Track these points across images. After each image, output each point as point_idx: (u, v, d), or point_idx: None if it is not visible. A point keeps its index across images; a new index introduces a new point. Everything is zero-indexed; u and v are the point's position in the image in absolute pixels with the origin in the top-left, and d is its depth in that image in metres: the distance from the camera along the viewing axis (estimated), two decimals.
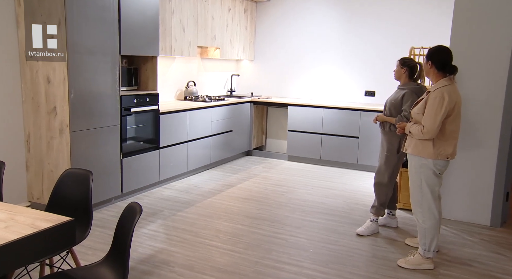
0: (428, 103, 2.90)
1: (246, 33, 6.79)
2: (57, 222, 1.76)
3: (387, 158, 3.70)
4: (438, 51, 2.95)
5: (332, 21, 6.49)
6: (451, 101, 2.86)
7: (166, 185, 4.96)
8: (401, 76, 3.64)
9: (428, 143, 2.94)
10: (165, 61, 5.48)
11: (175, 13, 5.11)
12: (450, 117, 2.91)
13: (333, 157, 6.15)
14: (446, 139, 2.94)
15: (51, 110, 3.71)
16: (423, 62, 3.01)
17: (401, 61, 3.65)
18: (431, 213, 3.04)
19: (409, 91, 3.54)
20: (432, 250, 3.09)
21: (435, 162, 2.96)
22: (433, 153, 2.94)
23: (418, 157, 3.01)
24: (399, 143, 3.61)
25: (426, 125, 2.87)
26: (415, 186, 3.07)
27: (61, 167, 3.74)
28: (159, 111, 4.66)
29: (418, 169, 3.02)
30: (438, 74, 2.94)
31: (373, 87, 6.38)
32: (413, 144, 3.03)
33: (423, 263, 3.11)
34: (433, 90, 2.92)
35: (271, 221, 3.99)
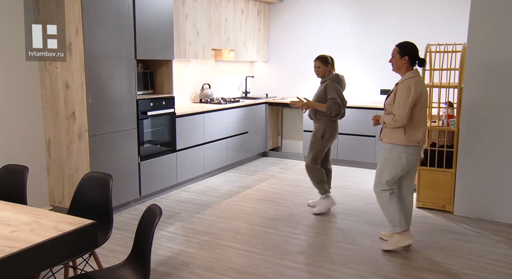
0: (397, 94, 3.20)
1: (260, 34, 6.80)
2: (80, 225, 1.79)
3: (312, 143, 4.20)
4: (412, 48, 3.27)
5: (346, 19, 6.46)
6: (417, 91, 3.14)
7: (184, 187, 5.00)
8: (326, 73, 4.13)
9: (400, 130, 3.21)
10: (180, 64, 5.53)
11: (189, 17, 5.15)
12: (417, 106, 3.18)
13: (350, 156, 6.11)
14: (415, 126, 3.21)
15: (70, 115, 3.78)
16: (395, 58, 3.28)
17: (324, 60, 4.12)
18: (382, 194, 3.36)
19: (329, 81, 4.04)
20: (398, 225, 3.31)
21: (407, 148, 3.23)
22: (405, 139, 3.21)
23: (391, 144, 3.27)
24: (324, 130, 4.10)
25: (397, 114, 3.16)
26: (380, 168, 3.39)
27: (80, 171, 3.80)
28: (175, 114, 4.70)
29: (389, 155, 3.30)
30: (408, 68, 3.25)
31: (389, 85, 6.30)
32: (388, 133, 3.30)
33: (401, 240, 3.33)
34: (401, 82, 3.22)
35: (289, 221, 3.99)
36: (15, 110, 3.70)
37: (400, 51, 3.27)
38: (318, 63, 4.13)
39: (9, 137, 3.66)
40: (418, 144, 3.24)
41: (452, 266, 3.13)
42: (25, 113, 3.79)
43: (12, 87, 3.65)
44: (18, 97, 3.72)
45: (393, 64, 3.31)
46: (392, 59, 3.30)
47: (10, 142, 3.68)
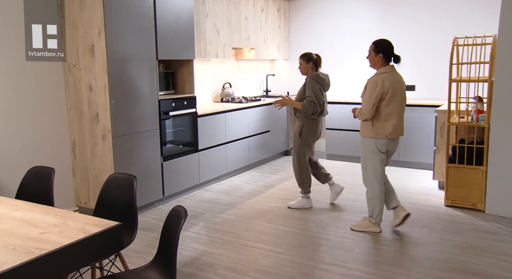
0: (366, 89, 3.39)
1: (280, 32, 6.75)
2: (105, 227, 1.79)
3: (293, 141, 4.24)
4: (387, 45, 3.41)
5: (368, 13, 6.34)
6: (383, 86, 3.29)
7: (206, 187, 4.99)
8: (309, 70, 4.13)
9: (368, 123, 3.40)
10: (200, 64, 5.53)
11: (209, 16, 5.14)
12: (384, 101, 3.32)
13: None
14: (383, 120, 3.35)
15: (94, 117, 3.81)
16: (371, 54, 3.41)
17: (305, 57, 4.12)
18: (373, 185, 3.51)
19: (309, 79, 4.07)
20: (375, 217, 3.56)
21: (375, 140, 3.41)
22: (372, 132, 3.39)
23: (363, 137, 3.49)
24: (301, 128, 4.12)
25: (362, 108, 3.38)
26: (362, 162, 3.57)
27: (105, 172, 3.83)
28: (196, 114, 4.69)
29: (363, 146, 3.50)
30: (384, 64, 3.38)
31: (413, 81, 6.18)
32: (362, 126, 3.51)
33: (370, 227, 3.58)
34: (370, 78, 3.39)
35: (313, 221, 3.93)
36: (41, 113, 3.75)
37: (375, 48, 3.39)
38: (300, 60, 4.17)
39: (35, 139, 3.72)
40: (386, 137, 3.37)
41: (486, 268, 3.01)
42: (50, 116, 3.84)
43: (37, 90, 3.71)
44: (44, 100, 3.77)
45: (369, 61, 3.45)
46: (369, 56, 3.44)
47: (36, 144, 3.73)
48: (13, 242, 1.65)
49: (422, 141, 5.60)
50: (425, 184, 5.02)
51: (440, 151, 4.66)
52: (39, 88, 3.73)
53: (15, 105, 3.55)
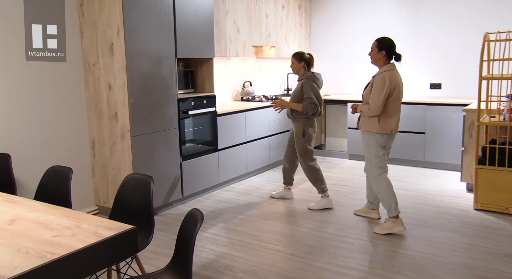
0: (373, 86, 3.42)
1: (301, 30, 6.63)
2: (120, 230, 1.73)
3: (296, 143, 4.17)
4: (389, 43, 3.49)
5: (394, 10, 6.16)
6: (391, 83, 3.38)
7: (226, 187, 4.93)
8: (300, 70, 4.10)
9: (374, 119, 3.45)
10: (220, 62, 5.47)
11: (229, 13, 5.07)
12: (391, 97, 3.41)
13: (397, 154, 5.82)
14: (389, 116, 3.44)
15: (113, 116, 3.78)
16: (374, 51, 3.48)
17: (297, 57, 4.09)
18: (379, 178, 3.56)
19: (305, 80, 4.03)
20: (394, 209, 3.51)
21: (381, 136, 3.48)
22: (378, 127, 3.45)
23: (367, 132, 3.53)
24: (303, 128, 4.10)
25: (372, 104, 3.41)
26: (366, 157, 3.62)
27: (123, 172, 3.80)
28: (216, 113, 4.63)
29: (368, 141, 3.55)
30: (386, 61, 3.46)
31: (439, 79, 5.98)
32: (364, 121, 3.54)
33: (394, 227, 3.53)
34: (377, 75, 3.45)
35: (335, 223, 3.81)
36: (61, 112, 3.75)
37: (379, 45, 3.46)
38: (291, 59, 4.13)
39: (56, 138, 3.72)
40: (391, 132, 3.48)
41: None
42: (70, 114, 3.84)
43: (57, 89, 3.71)
44: (64, 99, 3.77)
45: (371, 57, 3.51)
46: (371, 53, 3.50)
47: (57, 143, 3.73)
48: (26, 245, 1.61)
49: (449, 141, 5.40)
50: (452, 186, 4.83)
51: (469, 152, 4.47)
52: (59, 87, 3.72)
53: (35, 105, 3.55)
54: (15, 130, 3.43)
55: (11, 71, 3.29)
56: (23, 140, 3.49)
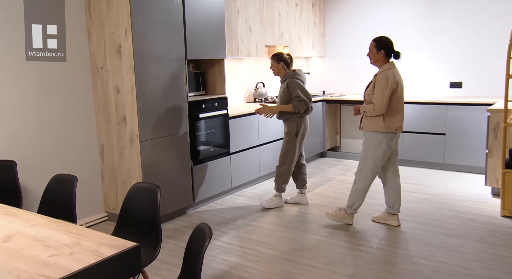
0: (376, 85, 3.40)
1: (315, 29, 6.45)
2: (122, 249, 1.59)
3: (287, 142, 4.13)
4: (387, 42, 3.46)
5: (411, 6, 5.93)
6: (394, 81, 3.38)
7: (238, 192, 4.78)
8: (280, 71, 4.08)
9: (379, 118, 3.43)
10: (232, 63, 5.32)
11: (240, 13, 4.92)
12: (394, 95, 3.41)
13: (416, 156, 5.61)
14: (393, 114, 3.43)
15: (121, 120, 3.67)
16: (372, 52, 3.47)
17: (276, 58, 4.06)
18: (366, 178, 3.58)
19: (289, 79, 4.00)
20: (354, 208, 3.67)
21: (387, 135, 3.46)
22: (384, 126, 3.43)
23: (372, 132, 3.49)
24: (297, 128, 4.07)
25: (376, 103, 3.37)
26: (362, 155, 3.60)
27: (133, 177, 3.69)
28: (228, 115, 4.49)
29: (370, 142, 3.52)
30: (385, 61, 3.46)
31: (459, 77, 5.73)
32: (368, 122, 3.51)
33: (345, 218, 3.71)
34: (379, 74, 3.44)
35: (353, 231, 3.64)
36: (69, 116, 3.65)
37: (377, 45, 3.44)
38: (271, 60, 4.12)
39: (64, 143, 3.63)
40: (396, 130, 3.47)
41: None
42: (79, 119, 3.74)
43: (65, 92, 3.61)
44: (72, 103, 3.67)
45: (370, 58, 3.50)
46: (370, 53, 3.49)
47: (65, 148, 3.63)
48: (19, 267, 1.49)
49: (471, 142, 5.17)
50: (476, 190, 4.60)
51: (494, 154, 4.24)
52: (67, 90, 3.62)
53: (43, 109, 3.45)
54: (20, 135, 3.34)
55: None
56: (29, 144, 3.40)
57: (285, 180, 4.22)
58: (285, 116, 4.09)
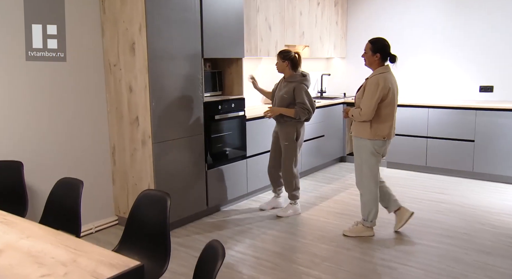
0: (366, 89, 3.25)
1: (337, 28, 6.20)
2: (123, 269, 1.41)
3: (287, 147, 3.91)
4: (384, 45, 3.27)
5: (438, 4, 5.64)
6: (385, 87, 3.19)
7: (254, 197, 4.58)
8: (285, 69, 3.85)
9: (366, 125, 3.28)
10: (250, 63, 5.12)
11: (260, 10, 4.72)
12: (385, 102, 3.22)
13: (442, 164, 5.32)
14: (382, 122, 3.26)
15: (134, 120, 3.51)
16: (368, 54, 3.30)
17: (282, 55, 3.83)
18: (369, 187, 3.38)
19: (298, 83, 3.79)
20: (370, 221, 3.45)
21: (373, 142, 3.30)
22: (370, 133, 3.27)
23: (359, 138, 3.35)
24: (296, 132, 3.89)
25: (363, 108, 3.22)
26: (357, 164, 3.43)
27: (144, 181, 3.52)
28: (245, 117, 4.29)
29: (359, 148, 3.37)
30: (380, 64, 3.27)
31: (490, 81, 5.42)
32: (356, 127, 3.37)
33: (364, 231, 3.48)
34: (370, 77, 3.27)
35: (377, 244, 3.39)
36: (81, 116, 3.50)
37: (373, 47, 3.26)
38: (277, 57, 3.91)
39: (74, 143, 3.48)
40: (384, 138, 3.29)
41: None
42: (91, 118, 3.59)
43: (77, 91, 3.46)
44: (84, 102, 3.52)
45: (365, 60, 3.33)
46: (365, 55, 3.32)
47: (75, 148, 3.49)
48: None
49: (502, 149, 4.87)
50: (509, 201, 4.31)
51: None
52: (79, 88, 3.48)
53: (51, 108, 3.31)
54: (28, 135, 3.20)
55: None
56: (37, 145, 3.25)
57: (295, 187, 4.03)
58: (283, 119, 3.88)
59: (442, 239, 3.44)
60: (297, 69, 3.89)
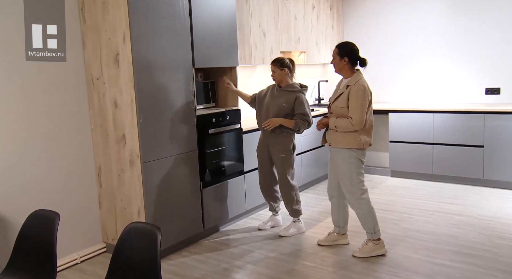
0: (352, 97, 3.06)
1: (333, 33, 5.96)
2: None
3: (284, 159, 3.66)
4: (352, 48, 3.16)
5: (441, 7, 5.42)
6: (370, 92, 3.11)
7: (254, 215, 4.28)
8: (284, 78, 3.62)
9: (354, 134, 3.10)
10: (245, 71, 4.85)
11: (253, 16, 4.45)
12: (369, 108, 3.10)
13: (450, 171, 5.06)
14: (368, 128, 3.14)
15: (120, 138, 3.20)
16: (335, 59, 3.19)
17: (279, 64, 3.60)
18: (363, 198, 3.19)
19: (300, 94, 3.60)
20: (376, 232, 3.22)
21: (362, 151, 3.18)
22: (359, 142, 3.12)
23: (347, 149, 3.14)
24: (292, 143, 3.68)
25: (355, 118, 3.04)
26: (345, 177, 3.19)
27: (134, 204, 3.21)
28: (241, 130, 4.00)
29: (348, 160, 3.15)
30: (352, 69, 3.16)
31: (497, 83, 5.18)
32: (339, 137, 3.16)
33: (376, 250, 3.23)
34: (353, 84, 3.08)
35: (388, 264, 3.10)
36: (62, 134, 3.19)
37: (339, 52, 3.16)
38: (272, 67, 3.65)
39: (56, 164, 3.16)
40: (370, 145, 3.20)
41: None
42: (72, 137, 3.28)
43: (56, 107, 3.16)
44: (66, 120, 3.21)
45: (334, 66, 3.23)
46: (333, 61, 3.22)
47: (57, 169, 3.17)
48: None
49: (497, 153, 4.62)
50: None
51: None
52: (58, 105, 3.17)
53: (31, 127, 3.00)
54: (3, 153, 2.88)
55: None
56: (13, 169, 2.94)
57: (296, 200, 3.75)
58: (280, 129, 3.62)
59: (463, 258, 3.15)
60: (292, 76, 3.69)
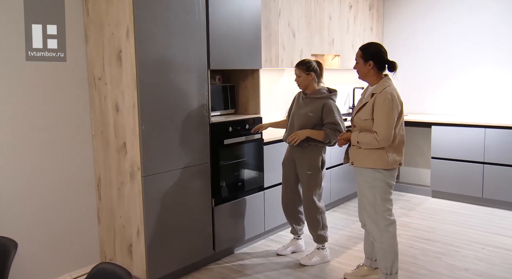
0: (378, 107, 2.62)
1: (372, 35, 5.42)
2: None
3: (311, 177, 3.20)
4: (378, 50, 2.73)
5: (495, 8, 4.78)
6: (399, 102, 2.66)
7: (273, 236, 3.80)
8: (310, 83, 3.20)
9: (381, 151, 2.65)
10: (270, 75, 4.39)
11: (282, 14, 4.00)
12: (399, 120, 2.68)
13: (503, 195, 4.41)
14: (397, 145, 2.70)
15: (121, 147, 2.82)
16: (359, 63, 2.73)
17: (304, 67, 3.17)
18: (388, 230, 2.72)
19: (329, 100, 3.16)
20: (395, 272, 2.76)
21: (390, 172, 2.70)
22: (388, 161, 2.66)
23: (371, 170, 2.68)
24: (322, 159, 3.23)
25: (381, 132, 2.60)
26: (368, 202, 2.74)
27: (133, 223, 2.82)
28: (262, 140, 3.55)
29: (372, 183, 2.70)
30: (378, 75, 2.73)
31: None
32: (363, 155, 2.70)
33: None
34: (379, 92, 2.64)
35: None
36: (60, 139, 2.85)
37: (363, 55, 2.71)
38: (297, 70, 3.21)
39: (56, 172, 2.82)
40: (400, 164, 2.74)
41: None
42: (71, 143, 2.93)
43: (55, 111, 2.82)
44: (66, 122, 2.87)
45: (358, 72, 2.78)
46: (356, 66, 2.76)
47: (57, 178, 2.83)
48: None
49: None
50: None
51: None
52: (58, 106, 2.83)
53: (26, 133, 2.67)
54: None
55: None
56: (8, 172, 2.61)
57: (322, 225, 3.28)
58: (307, 143, 3.16)
59: None
60: (320, 81, 3.24)
